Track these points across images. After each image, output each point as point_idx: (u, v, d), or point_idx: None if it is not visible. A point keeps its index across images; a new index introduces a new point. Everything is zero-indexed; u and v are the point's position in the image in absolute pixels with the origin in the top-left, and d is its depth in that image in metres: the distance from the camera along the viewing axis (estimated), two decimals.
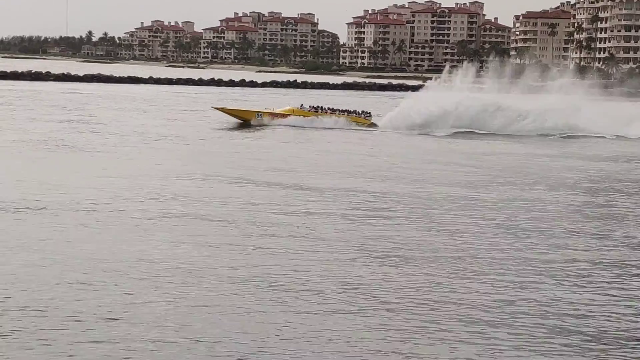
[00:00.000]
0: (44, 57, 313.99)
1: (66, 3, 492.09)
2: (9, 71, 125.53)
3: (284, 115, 57.40)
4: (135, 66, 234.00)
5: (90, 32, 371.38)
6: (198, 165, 35.23)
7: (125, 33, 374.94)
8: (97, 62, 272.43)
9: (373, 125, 57.81)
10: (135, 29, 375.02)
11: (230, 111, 59.78)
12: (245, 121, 57.13)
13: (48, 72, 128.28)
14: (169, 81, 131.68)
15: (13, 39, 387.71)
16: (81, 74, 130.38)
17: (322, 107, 59.51)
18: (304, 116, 57.08)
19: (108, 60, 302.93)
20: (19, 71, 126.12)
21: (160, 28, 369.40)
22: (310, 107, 59.04)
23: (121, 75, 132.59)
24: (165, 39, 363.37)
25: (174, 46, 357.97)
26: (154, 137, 46.40)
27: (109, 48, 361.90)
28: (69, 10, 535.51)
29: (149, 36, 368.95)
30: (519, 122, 58.70)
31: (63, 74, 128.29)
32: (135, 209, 24.20)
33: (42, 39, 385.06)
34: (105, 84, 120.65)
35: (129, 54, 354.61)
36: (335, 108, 60.00)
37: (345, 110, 59.32)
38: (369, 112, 59.21)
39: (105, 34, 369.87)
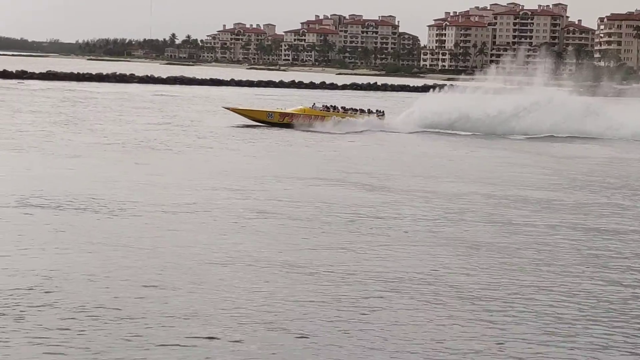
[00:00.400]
0: (128, 59, 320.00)
1: (150, 6, 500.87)
2: (94, 73, 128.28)
3: (296, 116, 56.00)
4: (217, 68, 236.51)
5: (173, 35, 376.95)
6: (281, 165, 35.53)
7: (207, 36, 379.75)
8: (180, 65, 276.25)
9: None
10: (218, 31, 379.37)
11: (242, 111, 58.63)
12: (256, 121, 55.90)
13: (132, 74, 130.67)
14: (250, 83, 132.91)
15: (98, 42, 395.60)
16: (164, 76, 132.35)
17: (335, 106, 58.26)
18: (315, 116, 55.60)
19: (190, 63, 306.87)
20: (104, 73, 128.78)
21: (242, 31, 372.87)
22: (323, 106, 57.71)
23: (203, 78, 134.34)
24: (247, 41, 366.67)
25: (255, 49, 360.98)
26: (234, 138, 47.00)
27: (192, 50, 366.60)
28: (153, 13, 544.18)
29: (231, 39, 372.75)
30: (609, 133, 56.45)
31: (147, 76, 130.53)
32: (219, 208, 24.51)
33: (127, 41, 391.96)
34: (188, 86, 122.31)
35: (211, 57, 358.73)
36: (348, 107, 58.90)
37: (359, 110, 58.37)
38: (382, 111, 58.40)
39: (188, 36, 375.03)
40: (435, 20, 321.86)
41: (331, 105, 58.14)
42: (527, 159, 42.90)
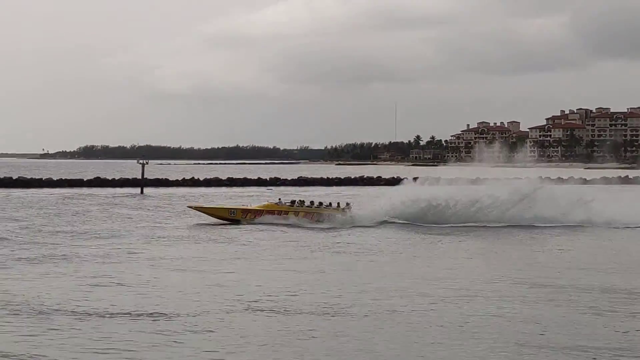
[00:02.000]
0: (374, 162, 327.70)
1: (395, 110, 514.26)
2: (342, 177, 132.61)
3: (259, 212, 56.14)
4: (461, 168, 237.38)
5: (418, 137, 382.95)
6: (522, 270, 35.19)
7: (451, 136, 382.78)
8: (425, 166, 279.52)
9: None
10: (462, 131, 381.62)
11: (205, 209, 59.25)
12: (220, 219, 55.99)
13: (379, 177, 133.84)
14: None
15: (346, 147, 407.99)
16: (410, 177, 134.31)
17: (302, 201, 58.20)
18: (279, 212, 55.64)
19: (435, 163, 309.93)
20: (352, 177, 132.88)
21: (486, 129, 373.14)
22: (290, 202, 57.69)
23: (447, 178, 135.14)
24: (491, 139, 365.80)
25: (499, 146, 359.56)
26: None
27: (436, 151, 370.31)
28: (397, 116, 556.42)
29: (475, 137, 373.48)
30: None
31: (393, 177, 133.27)
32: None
33: (373, 145, 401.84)
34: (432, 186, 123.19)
35: (455, 156, 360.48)
36: (313, 201, 58.49)
37: (321, 203, 58.05)
38: (348, 203, 57.92)
39: (433, 137, 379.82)
40: None
41: (299, 200, 58.27)
42: None
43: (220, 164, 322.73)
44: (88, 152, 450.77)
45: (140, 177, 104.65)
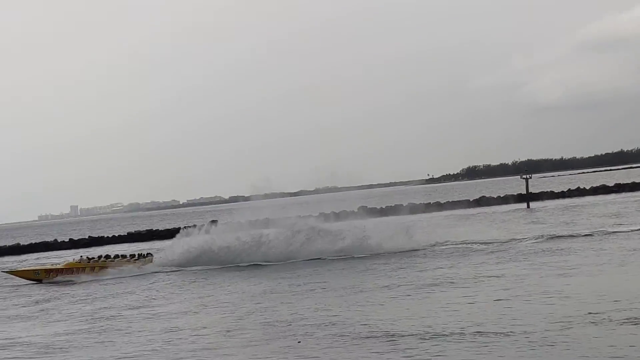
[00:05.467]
0: None
1: None
2: None
3: (60, 271, 57.09)
4: None
5: None
6: None
7: None
8: None
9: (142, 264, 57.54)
10: None
11: (15, 272, 59.78)
12: (32, 280, 56.91)
13: None
14: None
15: None
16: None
17: (100, 256, 59.63)
18: (77, 269, 56.62)
19: None
20: None
21: None
22: (87, 258, 59.22)
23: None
24: None
25: None
26: None
27: None
28: None
29: None
30: None
31: None
32: None
33: None
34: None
35: None
36: (109, 254, 60.49)
37: (119, 255, 59.72)
38: (150, 253, 61.24)
39: None
40: None
41: (99, 256, 60.06)
42: None
43: (604, 170, 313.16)
44: (471, 173, 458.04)
45: (524, 192, 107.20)
